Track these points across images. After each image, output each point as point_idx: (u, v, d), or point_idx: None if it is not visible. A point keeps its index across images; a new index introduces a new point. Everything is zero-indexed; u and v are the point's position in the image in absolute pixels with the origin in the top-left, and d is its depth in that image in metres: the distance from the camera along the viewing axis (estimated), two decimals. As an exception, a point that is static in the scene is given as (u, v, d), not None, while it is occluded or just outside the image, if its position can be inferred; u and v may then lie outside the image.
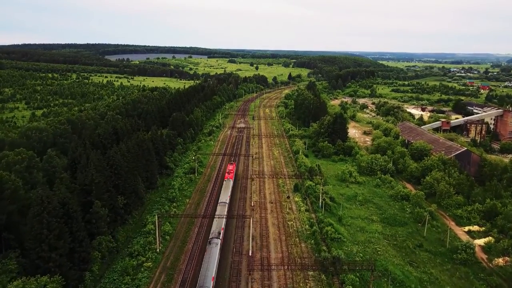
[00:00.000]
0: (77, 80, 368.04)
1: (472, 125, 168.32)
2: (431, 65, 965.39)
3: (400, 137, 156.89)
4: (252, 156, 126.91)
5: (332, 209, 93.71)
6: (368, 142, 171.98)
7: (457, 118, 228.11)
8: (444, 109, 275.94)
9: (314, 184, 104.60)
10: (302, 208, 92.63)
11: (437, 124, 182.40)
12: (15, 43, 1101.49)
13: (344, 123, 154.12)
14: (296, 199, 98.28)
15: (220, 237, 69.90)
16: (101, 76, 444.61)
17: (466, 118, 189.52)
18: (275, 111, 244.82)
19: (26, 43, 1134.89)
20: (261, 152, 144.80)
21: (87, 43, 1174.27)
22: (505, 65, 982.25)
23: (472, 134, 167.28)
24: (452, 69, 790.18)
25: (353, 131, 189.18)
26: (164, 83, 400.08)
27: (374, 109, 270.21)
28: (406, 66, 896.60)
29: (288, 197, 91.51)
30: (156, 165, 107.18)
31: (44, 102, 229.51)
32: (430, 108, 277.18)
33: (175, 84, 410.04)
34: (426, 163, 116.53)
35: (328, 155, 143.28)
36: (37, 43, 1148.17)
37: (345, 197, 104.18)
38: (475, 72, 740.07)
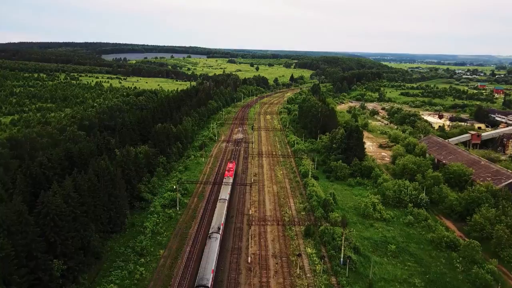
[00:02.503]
0: (65, 81, 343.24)
1: (510, 139, 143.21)
2: (435, 67, 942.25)
3: (427, 155, 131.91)
4: (250, 185, 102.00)
5: (358, 267, 68.68)
6: (386, 159, 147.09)
7: (480, 127, 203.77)
8: (463, 116, 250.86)
9: (331, 226, 79.54)
10: (317, 267, 67.64)
11: (465, 137, 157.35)
12: (12, 41, 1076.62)
13: (361, 137, 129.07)
14: (309, 250, 73.25)
15: (220, 232, 72.03)
16: (92, 76, 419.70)
17: (500, 130, 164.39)
18: (277, 118, 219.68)
19: (23, 41, 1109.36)
20: (261, 173, 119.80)
21: (85, 42, 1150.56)
22: (510, 67, 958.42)
23: (509, 151, 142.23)
24: (457, 71, 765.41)
25: (367, 144, 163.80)
26: (158, 85, 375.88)
27: (386, 116, 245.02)
28: (409, 68, 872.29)
29: (300, 254, 66.99)
30: (125, 198, 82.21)
31: (18, 107, 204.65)
32: (447, 115, 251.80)
33: (170, 85, 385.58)
34: (471, 195, 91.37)
35: (343, 177, 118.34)
36: (34, 41, 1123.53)
37: (372, 244, 79.14)
38: (481, 74, 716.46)
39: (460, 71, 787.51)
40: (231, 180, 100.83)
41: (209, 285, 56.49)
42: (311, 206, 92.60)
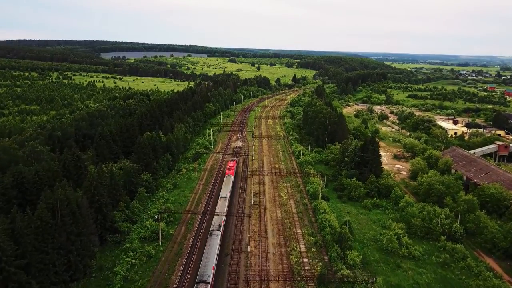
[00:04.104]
0: (56, 81, 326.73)
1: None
2: (439, 67, 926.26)
3: (453, 171, 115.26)
4: (249, 216, 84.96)
5: (389, 336, 52.15)
6: (403, 172, 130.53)
7: (499, 135, 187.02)
8: (478, 121, 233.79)
9: (350, 273, 62.80)
10: (337, 338, 51.08)
11: (491, 148, 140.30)
12: (11, 39, 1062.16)
13: (377, 150, 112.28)
14: (324, 309, 56.64)
15: (221, 230, 71.99)
16: (86, 75, 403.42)
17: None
18: (279, 124, 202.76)
19: (22, 39, 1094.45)
20: (262, 192, 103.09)
21: (85, 40, 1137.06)
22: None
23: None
24: (462, 72, 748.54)
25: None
26: (155, 85, 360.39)
27: (397, 121, 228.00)
28: (413, 68, 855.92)
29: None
30: (93, 233, 65.72)
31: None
32: (461, 120, 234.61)
33: (167, 85, 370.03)
34: (520, 229, 74.69)
35: (357, 198, 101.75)
36: (33, 39, 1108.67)
37: (403, 295, 62.52)
38: (487, 75, 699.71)
39: (464, 72, 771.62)
40: (232, 179, 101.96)
41: (210, 282, 56.58)
42: (323, 241, 75.92)
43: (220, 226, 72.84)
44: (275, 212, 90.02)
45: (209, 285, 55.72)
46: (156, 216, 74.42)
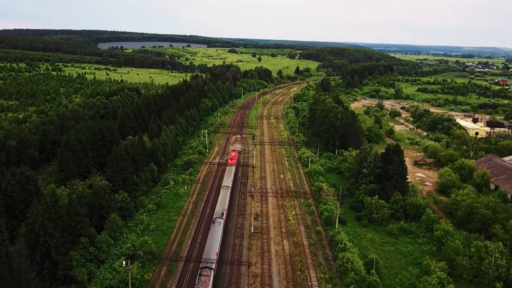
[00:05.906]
0: (44, 72, 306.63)
1: None
2: (443, 59, 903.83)
3: (491, 185, 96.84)
4: (248, 265, 66.37)
5: None
6: (427, 183, 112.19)
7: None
8: (498, 118, 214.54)
9: None
10: None
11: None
12: (7, 28, 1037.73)
13: (403, 161, 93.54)
14: None
15: (223, 217, 73.49)
16: (78, 67, 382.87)
17: None
18: (283, 123, 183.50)
19: (18, 28, 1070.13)
20: (265, 214, 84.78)
21: (82, 30, 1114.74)
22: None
23: None
24: (467, 64, 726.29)
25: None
26: (150, 77, 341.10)
27: (410, 119, 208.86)
28: (417, 59, 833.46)
29: None
30: (33, 291, 47.65)
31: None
32: (480, 117, 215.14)
33: (163, 78, 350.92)
34: None
35: (380, 221, 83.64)
36: (30, 28, 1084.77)
37: None
38: (494, 67, 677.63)
39: (470, 63, 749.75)
40: (234, 169, 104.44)
41: (213, 267, 57.45)
42: (346, 293, 57.81)
43: (223, 214, 74.65)
44: (281, 245, 71.75)
45: (212, 271, 56.47)
46: (124, 262, 55.99)
